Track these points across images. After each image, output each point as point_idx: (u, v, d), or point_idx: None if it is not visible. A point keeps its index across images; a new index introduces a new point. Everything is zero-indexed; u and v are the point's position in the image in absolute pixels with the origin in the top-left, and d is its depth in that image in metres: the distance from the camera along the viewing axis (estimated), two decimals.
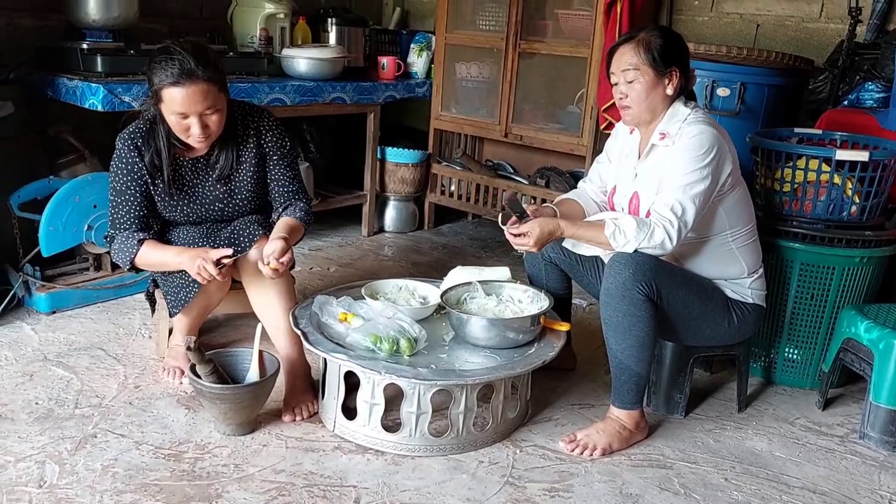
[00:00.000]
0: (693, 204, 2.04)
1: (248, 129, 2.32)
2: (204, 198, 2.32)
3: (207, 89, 2.09)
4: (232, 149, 2.29)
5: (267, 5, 3.59)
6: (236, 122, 2.31)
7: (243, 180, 2.33)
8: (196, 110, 2.10)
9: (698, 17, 3.73)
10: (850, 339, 2.38)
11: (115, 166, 2.24)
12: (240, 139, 2.31)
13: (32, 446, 1.99)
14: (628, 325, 2.08)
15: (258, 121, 2.34)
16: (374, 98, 3.85)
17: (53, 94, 2.96)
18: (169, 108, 2.11)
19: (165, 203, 2.29)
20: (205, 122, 2.13)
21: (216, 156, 2.29)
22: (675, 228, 2.03)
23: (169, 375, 2.39)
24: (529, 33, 3.74)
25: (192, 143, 2.19)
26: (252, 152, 2.32)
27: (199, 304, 2.34)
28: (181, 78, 2.05)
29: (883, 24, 3.17)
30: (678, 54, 2.16)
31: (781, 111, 3.14)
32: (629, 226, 2.06)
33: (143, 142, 2.22)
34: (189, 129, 2.13)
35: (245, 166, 2.32)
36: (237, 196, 2.35)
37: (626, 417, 2.19)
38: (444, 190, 4.25)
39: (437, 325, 2.33)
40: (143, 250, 2.21)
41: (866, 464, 2.22)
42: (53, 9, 3.12)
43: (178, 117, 2.11)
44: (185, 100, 2.07)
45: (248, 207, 2.37)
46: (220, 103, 2.15)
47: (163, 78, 2.06)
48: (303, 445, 2.10)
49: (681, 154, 2.08)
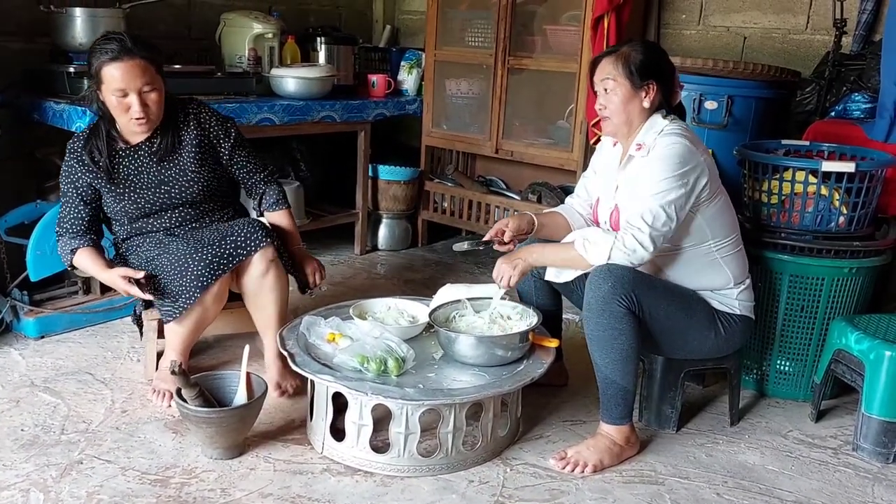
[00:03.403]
0: (664, 211, 2.05)
1: (189, 116, 2.43)
2: (149, 182, 2.39)
3: (145, 66, 2.22)
4: (172, 132, 2.39)
5: (255, 25, 3.60)
6: (176, 110, 2.41)
7: (185, 161, 2.41)
8: (135, 86, 2.21)
9: (685, 30, 3.74)
10: (841, 351, 2.37)
11: (62, 171, 2.40)
12: (180, 124, 2.41)
13: (17, 474, 1.97)
14: (611, 339, 2.08)
15: (197, 109, 2.45)
16: (364, 116, 3.85)
17: (40, 118, 2.97)
18: (109, 87, 2.22)
19: (114, 195, 2.38)
20: (144, 101, 2.24)
21: (158, 142, 2.38)
22: (647, 235, 2.03)
23: (158, 398, 2.38)
24: (518, 49, 3.75)
25: (133, 126, 2.29)
26: (192, 135, 2.41)
27: (195, 316, 2.31)
28: (120, 54, 2.19)
29: (868, 35, 3.18)
30: (657, 69, 2.17)
31: (769, 123, 3.14)
32: (597, 236, 2.09)
33: (83, 143, 2.35)
34: (129, 109, 2.23)
35: (187, 149, 2.41)
36: (182, 178, 2.41)
37: (615, 433, 2.18)
38: (436, 207, 4.25)
39: (427, 344, 2.32)
40: (77, 258, 2.37)
41: (860, 476, 2.20)
42: (40, 32, 3.13)
43: (119, 95, 2.22)
44: (125, 75, 2.19)
45: (195, 190, 2.43)
46: (157, 83, 2.27)
47: (101, 57, 2.20)
48: (291, 468, 2.08)
49: (653, 164, 2.10)
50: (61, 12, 2.95)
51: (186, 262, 2.26)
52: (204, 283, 2.25)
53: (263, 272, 2.34)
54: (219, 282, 2.28)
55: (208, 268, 2.25)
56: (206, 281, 2.25)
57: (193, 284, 2.25)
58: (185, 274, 2.25)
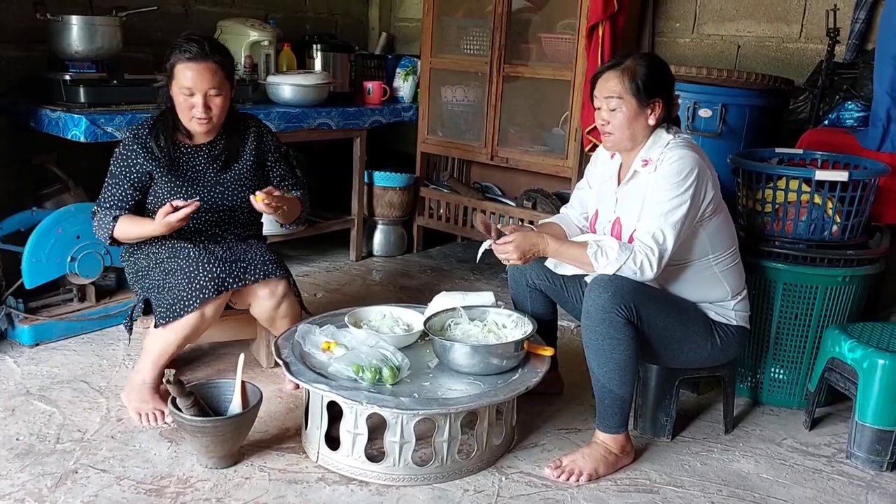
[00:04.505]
0: (673, 230, 2.05)
1: (250, 127, 2.57)
2: (205, 182, 2.46)
3: (216, 70, 2.33)
4: (234, 137, 2.50)
5: (251, 33, 3.61)
6: (238, 120, 2.54)
7: (243, 168, 2.51)
8: (202, 87, 2.31)
9: (680, 38, 3.76)
10: (834, 359, 2.38)
11: (117, 153, 2.42)
12: (242, 133, 2.53)
13: (12, 483, 1.97)
14: (609, 349, 2.08)
15: (258, 123, 2.62)
16: (360, 123, 3.86)
17: (36, 125, 2.96)
18: (179, 84, 2.32)
19: (168, 185, 2.41)
20: (208, 103, 2.33)
21: (221, 143, 2.48)
22: (656, 256, 2.04)
23: (146, 420, 2.30)
24: (513, 57, 3.76)
25: (195, 124, 2.37)
26: (252, 145, 2.54)
27: (189, 325, 2.29)
28: (196, 56, 2.30)
29: (861, 44, 3.20)
30: (663, 84, 2.16)
31: (763, 131, 3.16)
32: (612, 248, 2.07)
33: (147, 132, 2.41)
34: (193, 108, 2.33)
35: (246, 156, 2.52)
36: (236, 182, 2.49)
37: (611, 441, 2.18)
38: (432, 213, 4.25)
39: (422, 352, 2.32)
40: (119, 224, 2.37)
41: (853, 484, 2.21)
42: (37, 40, 3.13)
43: (186, 94, 2.31)
44: (196, 76, 2.30)
45: (244, 195, 2.47)
46: (224, 89, 2.37)
47: (179, 55, 2.31)
48: (286, 477, 2.08)
49: (662, 180, 2.09)
50: (58, 20, 2.95)
51: (196, 269, 2.27)
52: (207, 295, 2.25)
53: (276, 305, 2.43)
54: (222, 296, 2.29)
55: (215, 281, 2.26)
56: (209, 293, 2.25)
57: (197, 293, 2.25)
58: (193, 281, 2.25)
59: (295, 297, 2.49)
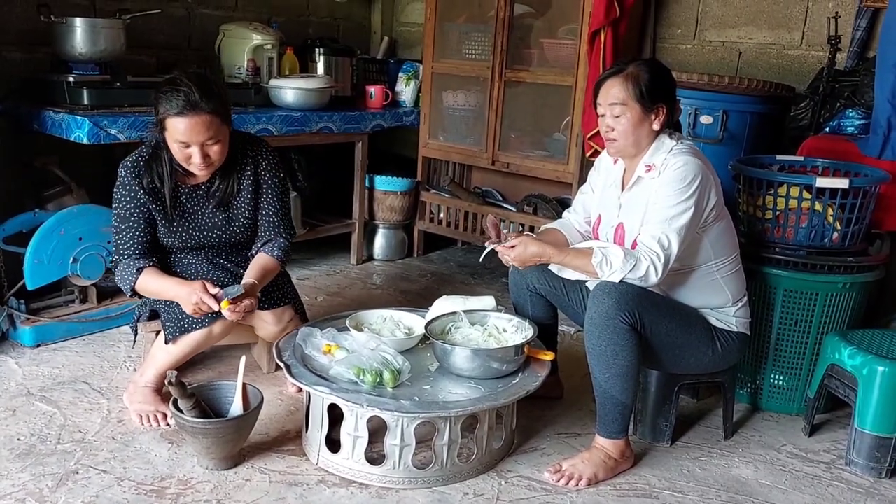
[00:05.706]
0: (678, 235, 2.06)
1: (247, 158, 2.41)
2: (203, 224, 2.39)
3: (210, 121, 2.18)
4: (232, 178, 2.38)
5: (254, 36, 3.62)
6: (236, 152, 2.38)
7: (241, 208, 2.42)
8: (198, 140, 2.19)
9: (681, 45, 3.77)
10: (834, 366, 2.38)
11: (118, 193, 2.30)
12: (239, 168, 2.40)
13: (13, 484, 1.97)
14: (612, 355, 2.08)
15: (256, 150, 2.43)
16: (362, 127, 3.87)
17: (39, 127, 2.97)
18: (172, 137, 2.19)
19: (165, 228, 2.34)
20: (206, 153, 2.22)
21: (217, 184, 2.37)
22: (661, 262, 2.05)
23: (146, 421, 2.30)
24: (515, 62, 3.77)
25: (194, 170, 2.28)
26: (249, 180, 2.41)
27: (196, 341, 2.31)
28: (185, 109, 2.14)
29: (862, 51, 3.21)
30: (666, 90, 2.17)
31: (764, 138, 3.17)
32: (616, 256, 2.07)
33: (144, 168, 2.29)
34: (191, 158, 2.22)
35: (243, 194, 2.41)
36: (235, 223, 2.42)
37: (611, 447, 2.19)
38: (433, 217, 4.26)
39: (422, 356, 2.33)
40: (143, 278, 2.28)
41: (852, 490, 2.22)
42: (41, 42, 3.14)
43: (181, 146, 2.20)
44: (188, 130, 2.16)
45: (244, 234, 2.43)
46: (221, 135, 2.24)
47: (168, 108, 2.16)
48: (286, 479, 2.08)
49: (666, 185, 2.10)
50: (61, 22, 2.96)
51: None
52: (215, 315, 2.25)
53: (281, 330, 2.44)
54: None
55: None
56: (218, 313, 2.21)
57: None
58: None
59: (298, 317, 2.51)
